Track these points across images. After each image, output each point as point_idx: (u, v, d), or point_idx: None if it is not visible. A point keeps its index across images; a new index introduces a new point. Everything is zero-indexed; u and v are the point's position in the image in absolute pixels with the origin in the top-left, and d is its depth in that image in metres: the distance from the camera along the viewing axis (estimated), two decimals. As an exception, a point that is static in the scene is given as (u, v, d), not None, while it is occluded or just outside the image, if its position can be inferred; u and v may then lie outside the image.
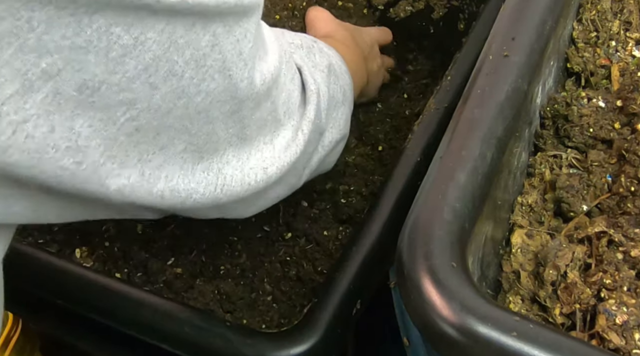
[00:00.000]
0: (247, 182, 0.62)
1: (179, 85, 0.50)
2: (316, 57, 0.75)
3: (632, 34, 0.79)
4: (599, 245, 0.63)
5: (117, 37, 0.44)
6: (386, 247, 0.76)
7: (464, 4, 1.04)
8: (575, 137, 0.72)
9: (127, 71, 0.46)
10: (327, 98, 0.73)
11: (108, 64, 0.45)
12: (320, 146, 0.73)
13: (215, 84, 0.53)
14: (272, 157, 0.64)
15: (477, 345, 0.50)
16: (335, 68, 0.78)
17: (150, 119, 0.50)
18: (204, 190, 0.58)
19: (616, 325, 0.57)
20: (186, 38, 0.49)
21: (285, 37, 0.74)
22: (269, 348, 0.68)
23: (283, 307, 0.85)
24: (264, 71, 0.59)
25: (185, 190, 0.56)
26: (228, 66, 0.53)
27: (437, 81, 0.95)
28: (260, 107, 0.61)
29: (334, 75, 0.76)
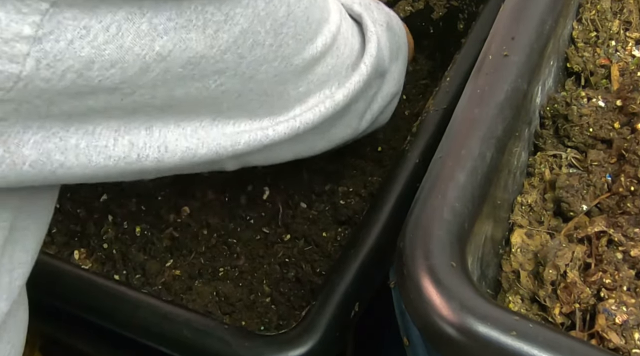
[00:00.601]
0: (317, 111, 0.66)
1: (261, 53, 0.56)
2: (374, 12, 0.78)
3: (632, 33, 0.79)
4: (599, 244, 0.63)
5: (212, 15, 0.49)
6: (385, 248, 0.76)
7: (463, 4, 1.04)
8: (575, 136, 0.72)
9: (221, 45, 0.51)
10: (387, 46, 0.76)
11: (206, 40, 0.50)
12: (380, 96, 0.78)
13: (290, 49, 0.59)
14: (338, 86, 0.69)
15: (476, 345, 0.50)
16: (393, 24, 0.81)
17: (235, 84, 0.56)
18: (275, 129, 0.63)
19: (616, 325, 0.57)
20: (267, 10, 0.54)
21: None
22: (268, 351, 0.68)
23: (282, 309, 0.84)
24: (326, 32, 0.64)
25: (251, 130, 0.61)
26: (299, 31, 0.59)
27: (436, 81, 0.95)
28: (325, 63, 0.65)
29: (390, 30, 0.79)
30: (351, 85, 0.70)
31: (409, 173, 0.80)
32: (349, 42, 0.69)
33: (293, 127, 0.65)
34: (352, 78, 0.70)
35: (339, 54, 0.68)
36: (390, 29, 0.80)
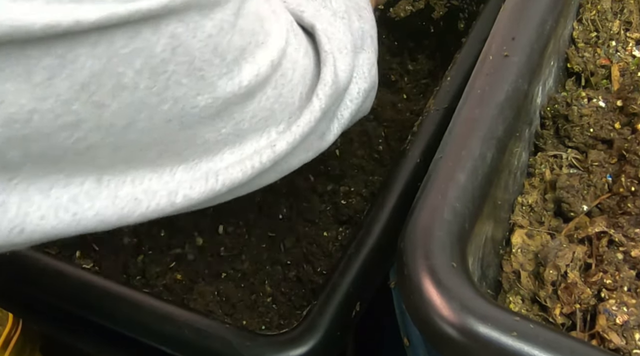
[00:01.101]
0: (249, 166, 0.57)
1: (134, 98, 0.45)
2: (332, 2, 0.68)
3: (632, 34, 0.79)
4: (599, 245, 0.63)
5: (37, 59, 0.40)
6: (386, 248, 0.76)
7: (464, 3, 1.04)
8: (576, 137, 0.72)
9: (61, 94, 0.42)
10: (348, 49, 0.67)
11: (34, 91, 0.41)
12: (349, 100, 0.69)
13: (184, 89, 0.48)
14: (282, 132, 0.59)
15: (477, 345, 0.50)
16: (354, 8, 0.71)
17: (104, 137, 0.46)
18: (191, 188, 0.54)
19: (616, 325, 0.57)
20: (132, 47, 0.43)
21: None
22: (269, 350, 0.68)
23: (283, 309, 0.85)
24: (260, 60, 0.54)
25: (163, 190, 0.52)
26: (199, 66, 0.48)
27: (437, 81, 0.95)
28: (264, 97, 0.56)
29: (354, 17, 0.70)
30: (299, 129, 0.60)
31: (409, 173, 0.80)
32: (299, 65, 0.60)
33: (213, 189, 0.55)
34: (301, 117, 0.60)
35: (285, 82, 0.58)
36: (352, 15, 0.70)
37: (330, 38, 0.64)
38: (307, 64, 0.61)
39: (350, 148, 0.96)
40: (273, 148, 0.58)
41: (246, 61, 0.53)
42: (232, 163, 0.56)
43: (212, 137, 0.54)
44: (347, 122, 0.69)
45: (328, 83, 0.62)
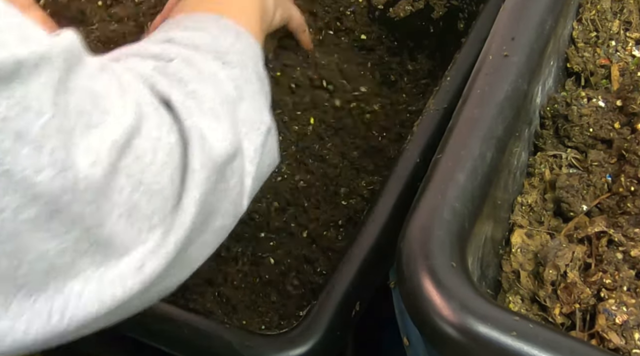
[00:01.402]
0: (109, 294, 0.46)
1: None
2: (191, 59, 0.59)
3: (632, 33, 0.79)
4: (599, 244, 0.63)
5: None
6: (386, 248, 0.76)
7: (463, 3, 1.04)
8: (575, 136, 0.72)
9: None
10: (221, 112, 0.57)
11: None
12: (248, 162, 0.59)
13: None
14: (147, 253, 0.48)
15: (477, 345, 0.50)
16: (217, 57, 0.61)
17: None
18: (27, 326, 0.44)
19: (616, 325, 0.57)
20: None
21: (146, 63, 0.57)
22: (269, 350, 0.68)
23: (283, 309, 0.84)
24: (96, 144, 0.44)
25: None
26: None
27: (437, 81, 0.95)
28: (112, 190, 0.45)
29: (216, 67, 0.60)
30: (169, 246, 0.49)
31: (409, 173, 0.80)
32: (163, 144, 0.50)
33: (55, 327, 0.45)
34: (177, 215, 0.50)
35: (144, 166, 0.48)
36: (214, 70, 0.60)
37: (192, 108, 0.54)
38: (173, 141, 0.51)
39: (349, 148, 0.96)
40: (124, 285, 0.47)
41: (76, 147, 0.43)
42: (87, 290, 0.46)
43: (51, 251, 0.43)
44: (253, 187, 0.61)
45: (196, 169, 0.52)
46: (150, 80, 0.54)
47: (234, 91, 0.60)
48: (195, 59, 0.59)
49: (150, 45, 0.61)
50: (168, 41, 0.61)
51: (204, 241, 0.55)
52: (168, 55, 0.59)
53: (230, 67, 0.61)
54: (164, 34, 0.63)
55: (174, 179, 0.50)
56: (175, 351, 0.73)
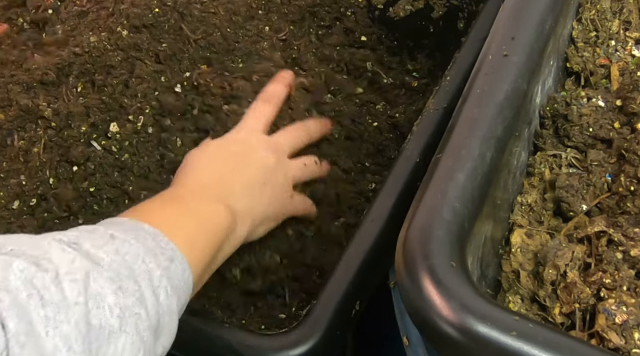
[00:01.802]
0: None
1: None
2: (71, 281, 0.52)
3: (631, 33, 0.79)
4: (599, 244, 0.63)
5: None
6: (386, 248, 0.76)
7: (463, 3, 1.04)
8: (575, 136, 0.72)
9: None
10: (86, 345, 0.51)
11: None
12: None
13: None
14: None
15: (477, 345, 0.50)
16: (104, 283, 0.54)
17: None
18: None
19: (616, 325, 0.57)
20: None
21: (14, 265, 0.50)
22: (269, 350, 0.68)
23: (283, 309, 0.84)
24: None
25: None
26: None
27: (436, 81, 0.95)
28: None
29: (98, 296, 0.54)
30: None
31: (409, 173, 0.80)
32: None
33: None
34: None
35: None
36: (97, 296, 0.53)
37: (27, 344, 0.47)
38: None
39: (349, 148, 0.96)
40: None
41: None
42: None
43: None
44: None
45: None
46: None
47: (117, 321, 0.54)
48: (83, 272, 0.53)
49: (48, 244, 0.55)
50: (74, 244, 0.56)
51: None
52: (55, 261, 0.53)
53: (125, 296, 0.55)
54: (80, 234, 0.58)
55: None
56: (176, 351, 0.73)
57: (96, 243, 0.57)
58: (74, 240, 0.56)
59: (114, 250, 0.57)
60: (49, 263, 0.52)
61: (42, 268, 0.51)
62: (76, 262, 0.53)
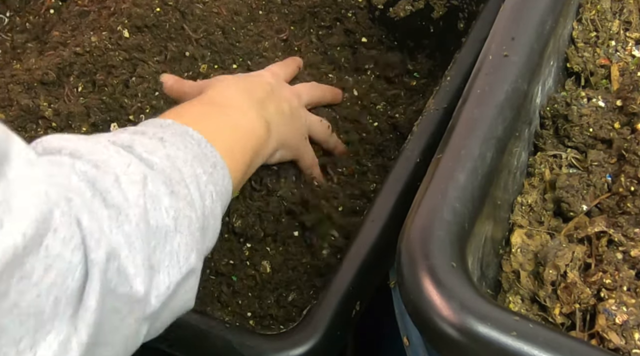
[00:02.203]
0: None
1: None
2: (129, 183, 0.55)
3: (631, 33, 0.79)
4: (599, 244, 0.63)
5: None
6: (386, 248, 0.76)
7: (463, 3, 1.04)
8: (575, 136, 0.72)
9: None
10: (145, 242, 0.54)
11: None
12: (154, 297, 0.55)
13: None
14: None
15: (477, 345, 0.50)
16: (159, 186, 0.57)
17: None
18: None
19: (616, 325, 0.57)
20: None
21: (76, 167, 0.53)
22: (269, 350, 0.68)
23: (283, 309, 0.84)
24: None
25: None
26: None
27: (436, 81, 0.95)
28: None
29: (155, 197, 0.56)
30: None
31: (409, 173, 0.80)
32: (61, 262, 0.45)
33: None
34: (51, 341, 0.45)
35: (27, 287, 0.43)
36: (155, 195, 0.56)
37: (101, 241, 0.49)
38: (76, 261, 0.47)
39: (349, 148, 0.96)
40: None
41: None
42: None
43: None
44: (154, 327, 0.57)
45: (90, 307, 0.48)
46: (68, 194, 0.49)
47: (172, 222, 0.57)
48: (140, 175, 0.56)
49: (104, 146, 0.57)
50: (127, 147, 0.59)
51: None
52: (112, 164, 0.55)
53: (177, 199, 0.58)
54: (131, 137, 0.61)
55: (60, 304, 0.46)
56: (176, 350, 0.73)
57: (148, 147, 0.60)
58: (128, 143, 0.59)
59: (165, 155, 0.60)
60: (106, 166, 0.54)
61: (101, 170, 0.53)
62: (132, 165, 0.56)
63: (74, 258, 0.46)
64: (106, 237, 0.50)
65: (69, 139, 0.56)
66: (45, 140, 0.56)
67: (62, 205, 0.46)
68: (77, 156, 0.54)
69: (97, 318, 0.48)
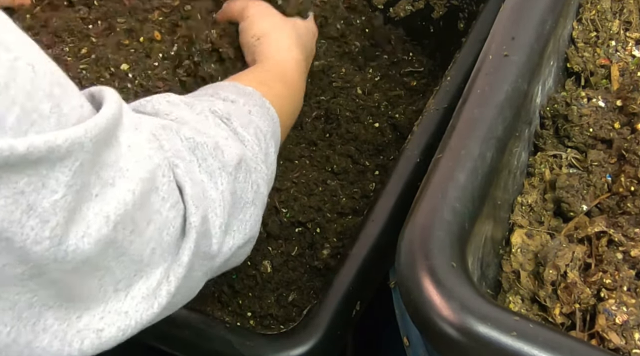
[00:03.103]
0: (66, 353, 0.48)
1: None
2: (224, 153, 0.60)
3: (631, 33, 0.79)
4: (599, 244, 0.63)
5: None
6: (386, 248, 0.76)
7: (463, 3, 1.04)
8: (575, 136, 0.72)
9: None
10: (226, 210, 0.59)
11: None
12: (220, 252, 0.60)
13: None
14: (117, 313, 0.51)
15: (477, 345, 0.50)
16: (249, 161, 0.63)
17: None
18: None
19: (616, 325, 0.57)
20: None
21: (180, 133, 0.58)
22: (269, 350, 0.68)
23: (283, 309, 0.85)
24: (90, 217, 0.46)
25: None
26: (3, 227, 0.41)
27: (437, 80, 0.95)
28: (88, 263, 0.47)
29: (245, 171, 0.62)
30: (136, 315, 0.52)
31: (409, 173, 0.80)
32: (160, 218, 0.52)
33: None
34: (141, 305, 0.52)
35: (134, 238, 0.50)
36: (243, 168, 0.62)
37: (200, 206, 0.55)
38: (171, 217, 0.53)
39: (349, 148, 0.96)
40: (99, 334, 0.50)
41: (74, 223, 0.45)
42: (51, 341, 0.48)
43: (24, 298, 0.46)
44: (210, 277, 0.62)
45: (183, 263, 0.54)
46: (172, 158, 0.55)
47: (252, 195, 0.64)
48: (237, 149, 0.62)
49: (205, 117, 0.63)
50: (226, 119, 0.65)
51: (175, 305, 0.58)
52: (212, 134, 0.61)
53: (259, 176, 0.65)
54: (226, 107, 0.66)
55: (155, 254, 0.52)
56: (176, 351, 0.73)
57: (242, 120, 0.66)
58: (226, 115, 0.65)
59: (254, 132, 0.66)
60: (207, 136, 0.59)
61: (202, 138, 0.59)
62: (229, 138, 0.62)
63: (170, 214, 0.52)
64: (202, 202, 0.56)
65: (176, 104, 0.62)
66: (155, 99, 0.62)
67: (163, 167, 0.52)
68: (182, 122, 0.60)
69: (187, 272, 0.54)
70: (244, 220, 0.63)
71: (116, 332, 0.51)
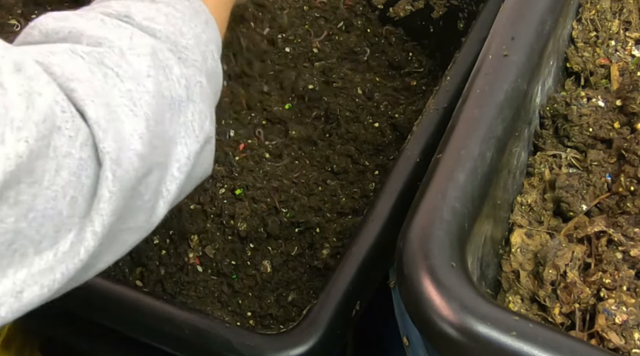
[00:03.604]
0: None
1: None
2: (133, 55, 0.53)
3: (631, 33, 0.79)
4: (599, 244, 0.63)
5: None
6: (386, 248, 0.76)
7: (463, 3, 1.04)
8: (575, 136, 0.72)
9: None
10: (153, 119, 0.52)
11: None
12: (176, 169, 0.55)
13: None
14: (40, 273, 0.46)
15: (476, 345, 0.50)
16: (166, 53, 0.55)
17: None
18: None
19: (615, 325, 0.57)
20: None
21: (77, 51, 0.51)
22: (269, 349, 0.68)
23: (283, 308, 0.85)
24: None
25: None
26: None
27: (436, 80, 0.95)
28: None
29: (163, 67, 0.54)
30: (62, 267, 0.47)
31: (409, 173, 0.80)
32: (70, 161, 0.46)
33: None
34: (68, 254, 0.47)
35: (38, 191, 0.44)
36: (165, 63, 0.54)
37: (109, 124, 0.48)
38: (86, 156, 0.47)
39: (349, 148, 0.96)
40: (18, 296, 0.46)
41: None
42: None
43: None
44: (177, 194, 0.56)
45: (103, 197, 0.48)
46: (67, 83, 0.48)
47: (184, 91, 0.56)
48: (147, 46, 0.54)
49: (101, 21, 0.54)
50: (125, 17, 0.56)
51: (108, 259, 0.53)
52: (114, 38, 0.53)
53: (186, 65, 0.56)
54: (123, 3, 0.57)
55: (76, 202, 0.47)
56: (176, 350, 0.73)
57: (145, 13, 0.56)
58: (124, 13, 0.56)
59: (164, 20, 0.57)
60: (109, 42, 0.52)
61: (104, 46, 0.51)
62: (134, 36, 0.54)
63: (83, 153, 0.46)
64: (119, 120, 0.49)
65: (64, 18, 0.54)
66: (39, 22, 0.53)
67: (60, 102, 0.46)
68: (76, 36, 0.52)
69: (115, 207, 0.48)
70: (187, 122, 0.56)
71: (39, 290, 0.46)
